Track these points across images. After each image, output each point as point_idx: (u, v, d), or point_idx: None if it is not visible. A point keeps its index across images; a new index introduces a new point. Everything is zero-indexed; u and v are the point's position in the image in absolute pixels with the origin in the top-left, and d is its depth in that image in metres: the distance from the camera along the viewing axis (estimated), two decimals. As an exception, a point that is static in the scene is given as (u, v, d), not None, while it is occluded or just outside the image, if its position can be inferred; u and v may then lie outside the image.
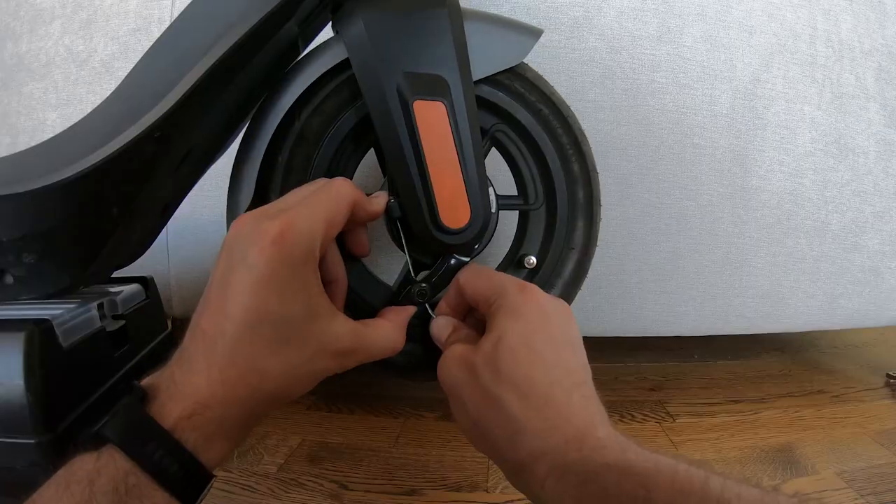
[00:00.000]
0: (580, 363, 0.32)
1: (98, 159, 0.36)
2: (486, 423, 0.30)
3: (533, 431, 0.28)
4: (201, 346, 0.28)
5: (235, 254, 0.28)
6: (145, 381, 0.28)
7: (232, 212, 0.43)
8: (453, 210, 0.40)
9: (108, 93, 0.42)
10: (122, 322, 0.54)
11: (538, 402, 0.29)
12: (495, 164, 0.49)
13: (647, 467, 0.25)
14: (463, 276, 0.38)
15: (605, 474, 0.25)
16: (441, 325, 0.38)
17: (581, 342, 0.33)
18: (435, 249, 0.42)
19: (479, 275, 0.37)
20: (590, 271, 0.48)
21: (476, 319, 0.39)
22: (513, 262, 0.48)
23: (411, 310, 0.39)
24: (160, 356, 0.62)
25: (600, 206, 0.48)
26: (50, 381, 0.42)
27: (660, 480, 0.24)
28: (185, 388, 0.27)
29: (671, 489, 0.23)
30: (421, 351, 0.45)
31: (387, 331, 0.35)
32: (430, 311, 0.41)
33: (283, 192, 0.42)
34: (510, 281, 0.34)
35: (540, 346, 0.31)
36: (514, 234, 0.50)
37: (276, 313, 0.28)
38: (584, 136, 0.46)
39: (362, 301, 0.44)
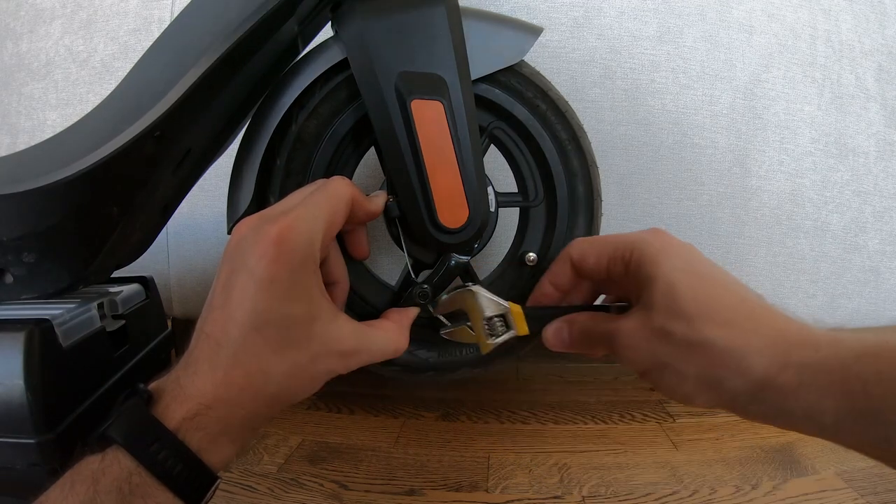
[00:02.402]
0: (743, 283, 0.30)
1: (98, 159, 0.36)
2: (707, 369, 0.28)
3: (757, 351, 0.26)
4: (206, 349, 0.28)
5: (237, 258, 0.28)
6: (150, 385, 0.28)
7: (232, 212, 0.43)
8: (452, 209, 0.40)
9: (108, 93, 0.42)
10: (122, 322, 0.54)
11: (746, 324, 0.27)
12: (495, 163, 0.49)
13: (892, 344, 0.23)
14: (575, 249, 0.36)
15: (859, 364, 0.24)
16: (556, 330, 0.36)
17: None
18: (434, 249, 0.42)
19: (594, 242, 0.35)
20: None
21: (583, 292, 0.38)
22: (514, 260, 0.48)
23: (414, 311, 0.39)
24: (160, 356, 0.62)
25: (601, 200, 0.48)
26: (50, 381, 0.42)
27: None
28: (190, 390, 0.27)
29: None
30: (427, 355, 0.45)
31: (390, 332, 0.35)
32: (438, 316, 0.41)
33: (282, 193, 0.42)
34: (633, 234, 0.33)
35: (709, 272, 0.30)
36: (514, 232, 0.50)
37: (280, 315, 0.28)
38: (583, 131, 0.46)
39: (364, 302, 0.44)
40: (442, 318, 0.41)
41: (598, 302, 0.39)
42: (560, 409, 0.70)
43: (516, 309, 0.38)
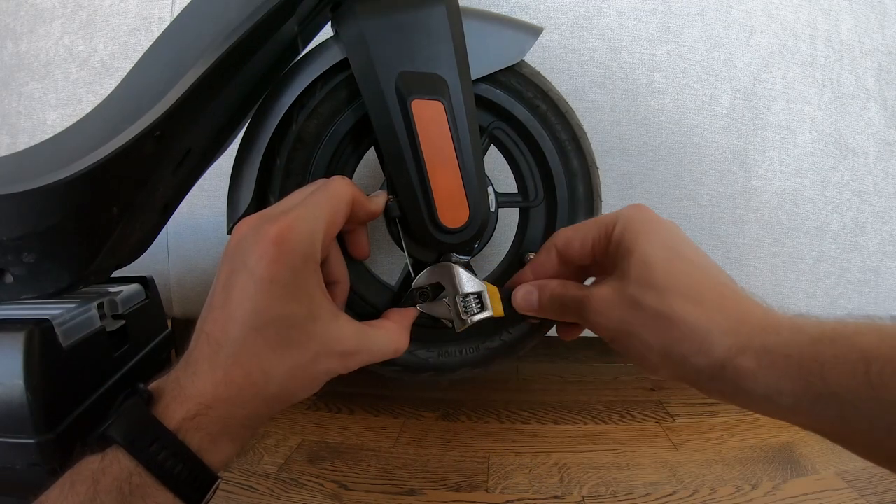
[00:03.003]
0: (714, 262, 0.31)
1: (98, 158, 0.36)
2: (671, 342, 0.29)
3: (721, 331, 0.27)
4: (206, 349, 0.28)
5: (237, 258, 0.28)
6: (150, 385, 0.28)
7: (232, 212, 0.43)
8: (452, 209, 0.40)
9: (108, 93, 0.42)
10: (122, 322, 0.54)
11: (714, 303, 0.28)
12: (495, 163, 0.49)
13: (850, 329, 0.24)
14: (560, 237, 0.37)
15: (817, 347, 0.25)
16: (525, 293, 0.37)
17: None
18: (434, 249, 0.42)
19: (577, 227, 0.36)
20: (590, 271, 0.48)
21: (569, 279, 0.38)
22: (514, 260, 0.48)
23: (414, 312, 0.39)
24: (160, 356, 0.62)
25: (601, 201, 0.48)
26: (50, 381, 0.42)
27: (870, 339, 0.23)
28: (190, 390, 0.27)
29: (882, 343, 0.23)
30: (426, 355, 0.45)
31: (390, 332, 0.35)
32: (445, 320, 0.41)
33: (282, 193, 0.42)
34: (614, 212, 0.34)
35: (685, 250, 0.30)
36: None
37: (280, 315, 0.28)
38: (583, 131, 0.46)
39: (364, 302, 0.44)
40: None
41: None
42: (560, 409, 0.70)
43: (493, 290, 0.39)
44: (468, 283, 0.39)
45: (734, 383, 0.27)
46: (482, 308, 0.39)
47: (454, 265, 0.39)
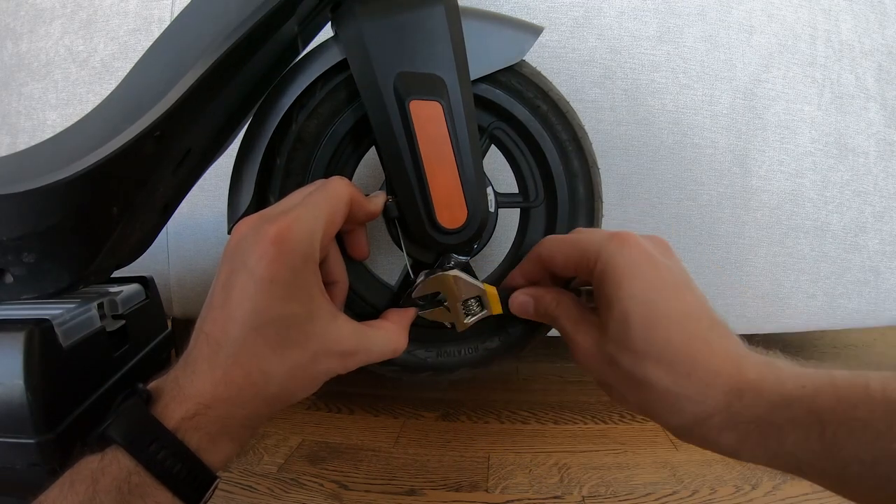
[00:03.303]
0: (699, 299, 0.32)
1: (98, 159, 0.36)
2: (644, 403, 0.31)
3: (689, 398, 0.29)
4: (205, 349, 0.28)
5: (237, 258, 0.29)
6: (149, 385, 0.28)
7: (232, 212, 0.43)
8: (450, 209, 0.40)
9: (108, 93, 0.42)
10: (122, 322, 0.54)
11: (685, 367, 0.29)
12: (495, 163, 0.49)
13: (807, 392, 0.26)
14: (544, 248, 0.37)
15: (775, 413, 0.26)
16: (521, 303, 0.38)
17: (686, 271, 0.33)
18: (433, 249, 0.42)
19: (563, 242, 0.36)
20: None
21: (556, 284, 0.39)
22: (514, 260, 0.48)
23: (413, 312, 0.40)
24: (160, 356, 0.62)
25: (601, 202, 0.48)
26: (50, 381, 0.42)
27: (825, 401, 0.25)
28: (189, 390, 0.27)
29: (837, 405, 0.25)
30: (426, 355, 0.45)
31: (389, 332, 0.35)
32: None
33: (282, 193, 0.42)
34: (600, 237, 0.33)
35: (666, 304, 0.30)
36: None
37: (279, 315, 0.28)
38: (584, 131, 0.46)
39: (364, 302, 0.44)
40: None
41: None
42: (560, 409, 0.70)
43: (492, 291, 0.40)
44: (467, 288, 0.40)
45: (703, 439, 0.29)
46: (482, 308, 0.40)
47: (449, 274, 0.40)
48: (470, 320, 0.40)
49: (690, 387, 0.29)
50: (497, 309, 0.40)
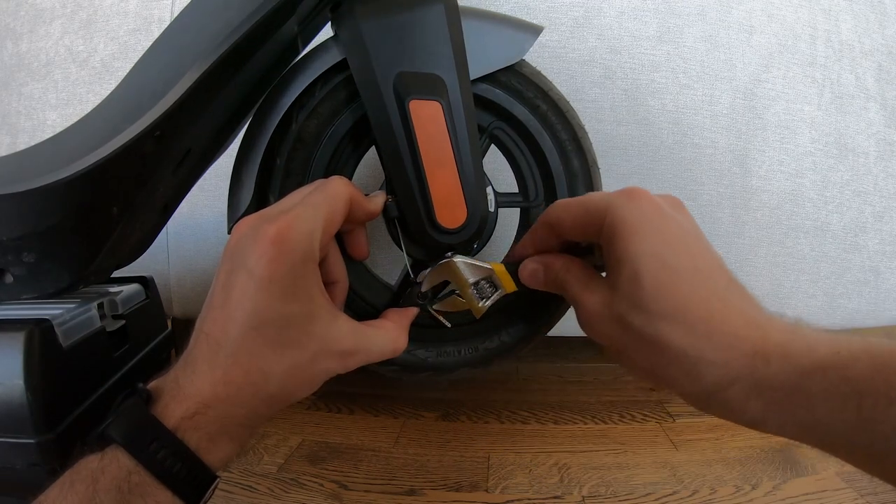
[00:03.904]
0: (715, 256, 0.30)
1: (98, 158, 0.36)
2: (658, 367, 0.28)
3: (710, 361, 0.26)
4: (205, 349, 0.28)
5: (237, 258, 0.28)
6: (149, 385, 0.28)
7: (232, 212, 0.43)
8: (450, 209, 0.40)
9: (108, 93, 0.42)
10: (122, 322, 0.54)
11: (703, 328, 0.27)
12: (495, 163, 0.49)
13: (843, 359, 0.24)
14: (551, 212, 0.35)
15: (807, 382, 0.24)
16: (531, 271, 0.36)
17: (700, 228, 0.31)
18: (433, 249, 0.42)
19: (569, 205, 0.34)
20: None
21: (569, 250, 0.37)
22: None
23: (413, 311, 0.39)
24: (160, 356, 0.62)
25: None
26: (50, 381, 0.42)
27: (862, 370, 0.23)
28: (189, 390, 0.27)
29: (876, 375, 0.22)
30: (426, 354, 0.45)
31: (389, 332, 0.35)
32: (435, 314, 0.41)
33: (282, 193, 0.42)
34: (608, 194, 0.31)
35: (678, 259, 0.28)
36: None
37: (279, 315, 0.28)
38: (584, 131, 0.46)
39: (363, 302, 0.44)
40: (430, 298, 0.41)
41: None
42: (560, 409, 0.70)
43: (500, 268, 0.39)
44: (474, 271, 0.39)
45: (721, 409, 0.27)
46: (495, 289, 0.39)
47: (453, 260, 0.39)
48: (485, 304, 0.39)
49: (710, 349, 0.26)
50: (510, 286, 0.38)
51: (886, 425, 0.22)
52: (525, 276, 0.37)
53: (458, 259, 0.39)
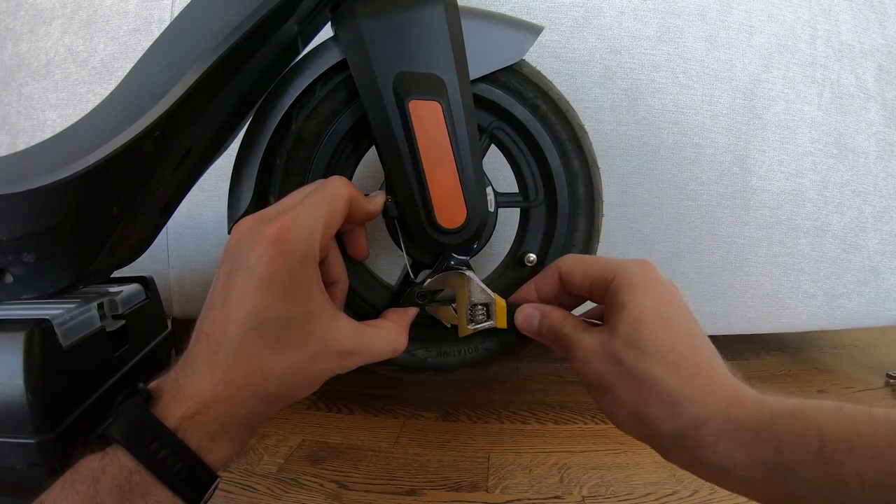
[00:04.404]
0: (705, 334, 0.32)
1: (98, 158, 0.36)
2: (641, 404, 0.30)
3: (690, 400, 0.28)
4: (205, 349, 0.28)
5: (237, 258, 0.29)
6: (150, 384, 0.28)
7: (232, 212, 0.43)
8: (449, 209, 0.40)
9: (108, 93, 0.42)
10: (122, 322, 0.54)
11: (690, 371, 0.29)
12: (495, 163, 0.49)
13: (809, 407, 0.26)
14: (565, 264, 0.37)
15: (775, 422, 0.26)
16: (528, 315, 0.38)
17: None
18: (433, 249, 0.42)
19: (583, 260, 0.37)
20: (590, 271, 0.48)
21: (564, 307, 0.39)
22: (514, 260, 0.48)
23: (413, 311, 0.39)
24: (160, 356, 0.62)
25: (601, 202, 0.48)
26: (50, 381, 0.42)
27: (827, 417, 0.25)
28: (189, 389, 0.27)
29: (839, 422, 0.24)
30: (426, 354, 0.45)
31: (388, 332, 0.35)
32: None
33: (282, 193, 0.42)
34: (626, 260, 0.35)
35: (675, 317, 0.31)
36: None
37: (279, 315, 0.28)
38: (584, 131, 0.46)
39: (363, 301, 0.44)
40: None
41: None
42: (560, 409, 0.70)
43: (501, 302, 0.40)
44: (479, 293, 0.40)
45: (693, 452, 0.28)
46: (487, 318, 0.40)
47: (467, 274, 0.40)
48: (473, 327, 0.40)
49: (693, 389, 0.29)
50: (502, 323, 0.40)
51: (847, 470, 0.23)
52: (520, 319, 0.39)
53: (472, 275, 0.40)
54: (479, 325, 0.40)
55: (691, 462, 0.29)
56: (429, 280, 0.41)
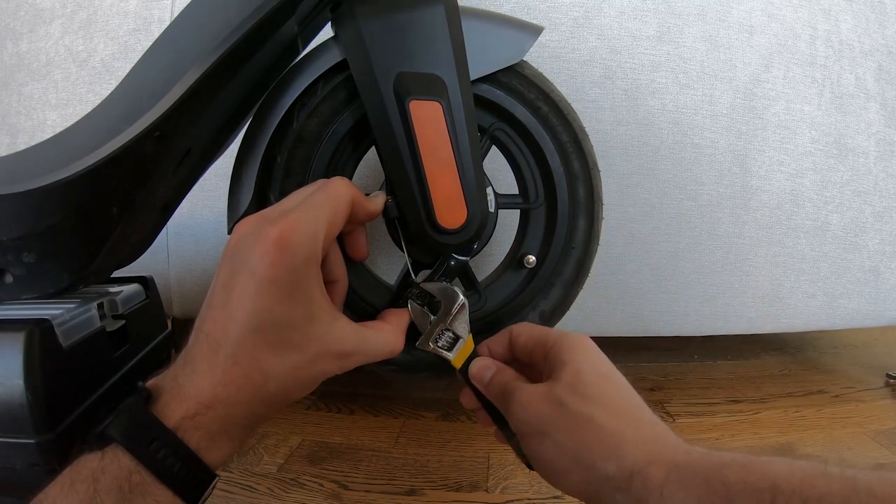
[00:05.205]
0: (640, 398, 0.34)
1: (98, 159, 0.36)
2: (584, 447, 0.30)
3: (634, 443, 0.29)
4: (205, 349, 0.28)
5: (238, 258, 0.28)
6: (148, 383, 0.28)
7: (232, 212, 0.43)
8: (450, 210, 0.40)
9: (108, 93, 0.42)
10: (122, 322, 0.54)
11: (630, 420, 0.30)
12: (496, 163, 0.49)
13: (760, 460, 0.26)
14: (516, 328, 0.39)
15: (725, 471, 0.26)
16: (483, 366, 0.38)
17: None
18: (433, 249, 0.42)
19: (531, 327, 0.39)
20: (590, 271, 0.48)
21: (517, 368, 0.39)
22: (513, 262, 0.48)
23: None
24: (160, 356, 0.62)
25: (601, 204, 0.48)
26: (50, 381, 0.42)
27: (780, 469, 0.24)
28: (189, 390, 0.27)
29: (792, 475, 0.24)
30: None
31: (387, 333, 0.35)
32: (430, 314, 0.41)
33: (282, 192, 0.42)
34: (563, 330, 0.37)
35: (612, 374, 0.34)
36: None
37: (279, 316, 0.28)
38: (585, 133, 0.46)
39: (363, 302, 0.44)
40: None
41: None
42: (560, 409, 0.70)
43: (469, 344, 0.40)
44: (460, 324, 0.40)
45: (639, 496, 0.27)
46: (450, 349, 0.40)
47: (462, 299, 0.39)
48: (433, 349, 0.39)
49: (637, 435, 0.29)
50: (459, 362, 0.39)
51: None
52: (475, 370, 0.39)
53: (464, 303, 0.39)
54: (437, 350, 0.39)
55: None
56: (429, 281, 0.40)
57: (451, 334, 0.39)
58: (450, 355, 0.39)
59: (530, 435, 0.33)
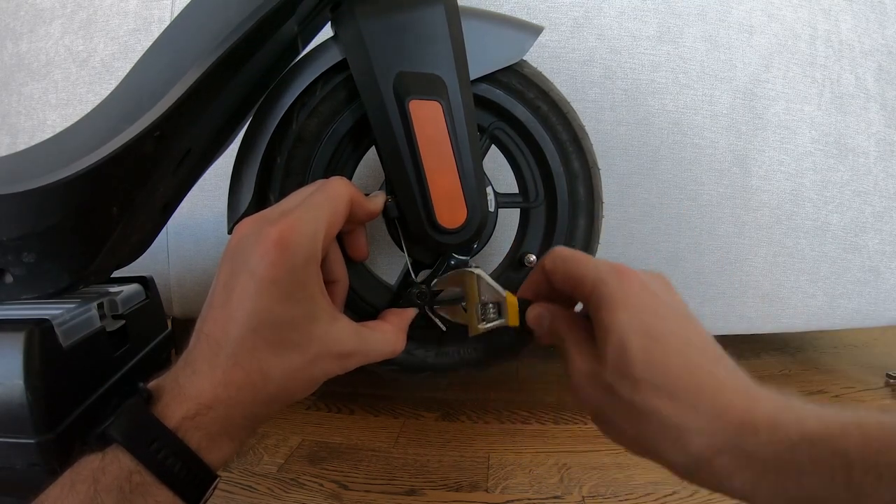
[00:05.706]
0: (703, 331, 0.30)
1: (98, 159, 0.36)
2: (645, 437, 0.28)
3: (697, 431, 0.26)
4: (205, 349, 0.28)
5: (238, 258, 0.29)
6: (149, 384, 0.28)
7: (232, 212, 0.43)
8: (449, 209, 0.40)
9: (108, 93, 0.42)
10: (122, 322, 0.54)
11: (689, 399, 0.27)
12: (496, 163, 0.49)
13: (832, 431, 0.24)
14: (549, 262, 0.35)
15: (795, 452, 0.24)
16: (536, 316, 0.36)
17: (687, 306, 0.32)
18: (433, 249, 0.42)
19: (567, 260, 0.34)
20: (590, 271, 0.48)
21: (564, 301, 0.36)
22: (514, 261, 0.48)
23: (412, 312, 0.39)
24: (160, 356, 0.62)
25: (602, 203, 0.48)
26: (50, 381, 0.42)
27: (851, 442, 0.23)
28: (189, 390, 0.27)
29: (865, 447, 0.22)
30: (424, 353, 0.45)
31: (388, 333, 0.35)
32: (431, 316, 0.41)
33: (282, 192, 0.42)
34: (603, 267, 0.32)
35: (664, 333, 0.29)
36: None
37: (280, 317, 0.28)
38: (584, 132, 0.46)
39: (363, 301, 0.44)
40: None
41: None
42: (560, 409, 0.70)
43: (512, 300, 0.38)
44: (489, 291, 0.38)
45: (710, 480, 0.27)
46: (499, 316, 0.38)
47: (473, 271, 0.38)
48: (485, 326, 0.38)
49: (697, 419, 0.26)
50: (514, 321, 0.37)
51: (875, 499, 0.22)
52: (531, 318, 0.36)
53: (482, 273, 0.38)
54: (490, 325, 0.38)
55: (712, 487, 0.27)
56: (436, 279, 0.40)
57: (490, 305, 0.38)
58: (503, 321, 0.38)
59: (594, 416, 0.32)
